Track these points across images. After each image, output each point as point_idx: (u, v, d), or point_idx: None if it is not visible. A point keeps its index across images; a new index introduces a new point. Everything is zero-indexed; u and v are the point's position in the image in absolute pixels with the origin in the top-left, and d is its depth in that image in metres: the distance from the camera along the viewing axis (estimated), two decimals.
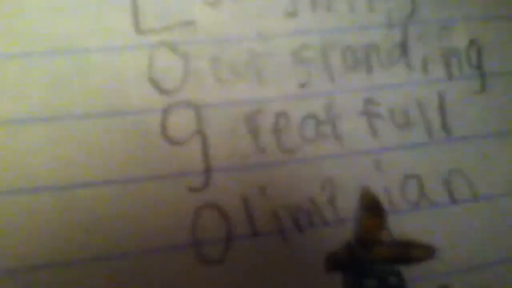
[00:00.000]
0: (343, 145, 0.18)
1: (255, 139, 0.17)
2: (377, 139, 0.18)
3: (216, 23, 0.18)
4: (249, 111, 0.18)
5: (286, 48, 0.18)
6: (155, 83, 0.17)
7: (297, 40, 0.18)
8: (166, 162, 0.17)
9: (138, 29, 0.17)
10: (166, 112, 0.17)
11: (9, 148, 0.15)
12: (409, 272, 0.18)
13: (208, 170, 0.17)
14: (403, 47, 0.19)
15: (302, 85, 0.18)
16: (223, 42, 0.18)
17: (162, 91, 0.17)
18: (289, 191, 0.18)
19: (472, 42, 0.20)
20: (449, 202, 0.19)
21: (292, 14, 0.18)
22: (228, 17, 0.18)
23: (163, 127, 0.17)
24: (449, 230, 0.18)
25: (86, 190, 0.16)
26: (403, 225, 0.18)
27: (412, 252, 0.17)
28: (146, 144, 0.17)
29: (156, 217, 0.16)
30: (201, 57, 0.17)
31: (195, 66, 0.17)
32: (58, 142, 0.16)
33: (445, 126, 0.19)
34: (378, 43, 0.19)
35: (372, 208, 0.18)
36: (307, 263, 0.17)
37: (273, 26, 0.18)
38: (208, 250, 0.16)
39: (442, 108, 0.19)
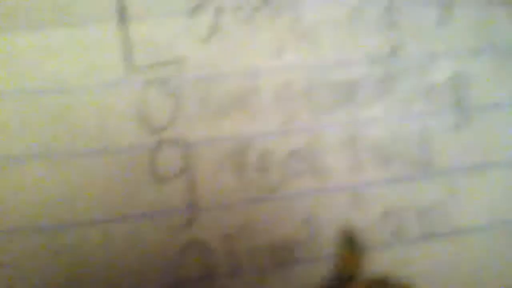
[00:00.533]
0: (325, 181, 0.19)
1: (240, 176, 0.18)
2: (359, 174, 0.19)
3: (206, 60, 0.18)
4: (235, 148, 0.18)
5: (272, 85, 0.19)
6: (145, 121, 0.17)
7: (283, 77, 0.19)
8: (153, 200, 0.17)
9: (130, 67, 0.17)
10: (155, 150, 0.17)
11: None
12: None
13: (193, 207, 0.18)
14: (386, 83, 0.20)
15: (287, 122, 0.19)
16: (212, 79, 0.18)
17: (152, 128, 0.17)
18: (271, 228, 0.18)
19: (453, 78, 0.20)
20: (428, 236, 0.20)
21: (278, 51, 0.19)
22: (217, 54, 0.18)
23: (152, 164, 0.17)
24: (427, 265, 0.19)
25: (71, 230, 0.16)
26: (381, 260, 0.19)
27: None
28: (135, 182, 0.17)
29: (141, 255, 0.17)
30: (191, 94, 0.18)
31: (185, 103, 0.18)
32: (44, 180, 0.16)
33: (426, 161, 0.20)
34: (361, 80, 0.19)
35: (350, 244, 0.18)
36: None
37: (260, 63, 0.19)
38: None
39: (423, 143, 0.20)
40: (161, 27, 0.18)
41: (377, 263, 0.19)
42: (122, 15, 0.18)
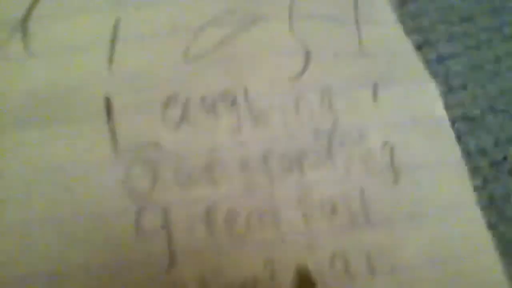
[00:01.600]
0: (282, 231, 0.23)
1: (210, 230, 0.22)
2: (309, 225, 0.23)
3: (176, 143, 0.23)
4: (205, 209, 0.23)
5: (233, 157, 0.24)
6: (130, 191, 0.22)
7: (242, 151, 0.24)
8: (137, 253, 0.22)
9: (116, 150, 0.23)
10: (138, 212, 0.22)
11: None
12: None
13: (172, 257, 0.22)
14: (329, 152, 0.24)
15: (247, 185, 0.23)
16: (183, 156, 0.23)
17: (136, 196, 0.22)
18: (239, 270, 0.22)
19: (385, 144, 0.25)
20: (370, 275, 0.23)
21: (237, 130, 0.24)
22: (185, 137, 0.23)
23: (137, 224, 0.22)
24: None
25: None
26: None
27: None
28: (122, 240, 0.22)
29: None
30: (166, 169, 0.23)
31: (162, 175, 0.23)
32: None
33: (365, 214, 0.24)
34: (308, 150, 0.24)
35: (304, 281, 0.22)
36: None
37: (222, 141, 0.24)
38: None
39: (362, 199, 0.24)
40: (140, 118, 0.23)
41: None
42: (109, 114, 0.23)
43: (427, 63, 0.27)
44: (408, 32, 0.28)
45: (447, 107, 0.26)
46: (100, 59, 0.24)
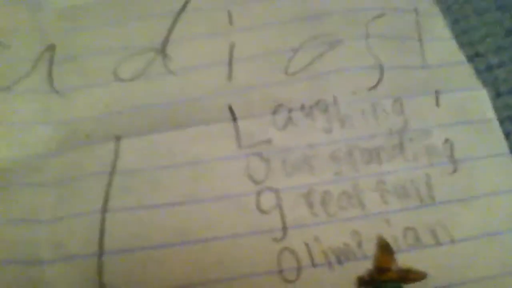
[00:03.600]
0: (365, 209, 0.29)
1: (310, 209, 0.29)
2: (386, 205, 0.30)
3: (283, 140, 0.30)
4: (306, 192, 0.29)
5: (326, 152, 0.30)
6: (250, 177, 0.29)
7: (333, 146, 0.30)
8: (259, 225, 0.29)
9: (239, 146, 0.30)
10: (258, 194, 0.29)
11: None
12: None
13: (284, 229, 0.29)
14: (400, 147, 0.31)
15: (337, 173, 0.30)
16: (288, 150, 0.30)
17: (255, 181, 0.29)
18: (333, 239, 0.29)
19: (446, 141, 0.31)
20: (435, 245, 0.29)
21: (328, 130, 0.31)
22: (290, 136, 0.30)
23: (257, 203, 0.29)
24: (435, 263, 0.29)
25: None
26: (405, 259, 0.29)
27: (410, 275, 0.28)
28: (245, 215, 0.29)
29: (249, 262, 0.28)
30: (276, 160, 0.30)
31: (273, 166, 0.30)
32: None
33: (430, 196, 0.30)
34: (384, 145, 0.31)
35: (385, 248, 0.29)
36: None
37: (317, 139, 0.30)
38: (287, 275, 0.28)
39: (428, 184, 0.30)
40: (256, 121, 0.30)
41: (402, 260, 0.29)
42: (233, 118, 0.30)
43: (478, 72, 0.32)
44: (461, 45, 0.34)
45: (496, 109, 0.31)
46: (221, 75, 0.31)
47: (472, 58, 0.33)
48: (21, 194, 0.27)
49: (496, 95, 0.31)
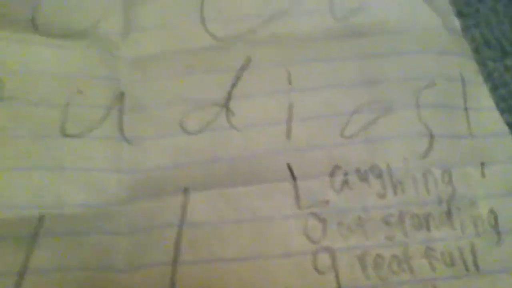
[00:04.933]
0: (414, 275, 0.30)
1: (364, 270, 0.30)
2: (433, 273, 0.30)
3: (340, 202, 0.31)
4: (360, 254, 0.31)
5: (379, 215, 0.32)
6: (308, 236, 0.31)
7: (385, 211, 0.32)
8: (315, 285, 0.30)
9: (299, 205, 0.31)
10: (314, 254, 0.30)
11: None
12: None
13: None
14: (448, 215, 0.32)
15: (388, 238, 0.31)
16: (344, 213, 0.31)
17: (312, 241, 0.31)
18: None
19: (490, 211, 0.33)
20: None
21: (382, 195, 0.32)
22: (346, 199, 0.32)
23: (313, 263, 0.30)
24: None
25: None
26: None
27: None
28: (303, 274, 0.30)
29: None
30: (333, 221, 0.31)
31: (329, 226, 0.31)
32: None
33: (475, 265, 0.31)
34: (433, 213, 0.32)
35: None
36: None
37: (372, 202, 0.32)
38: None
39: (473, 253, 0.32)
40: (314, 182, 0.32)
41: None
42: (293, 177, 0.32)
43: None
44: (501, 112, 0.35)
45: None
46: (280, 134, 0.32)
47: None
48: (96, 241, 0.28)
49: None
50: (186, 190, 0.30)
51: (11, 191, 0.29)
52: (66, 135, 0.30)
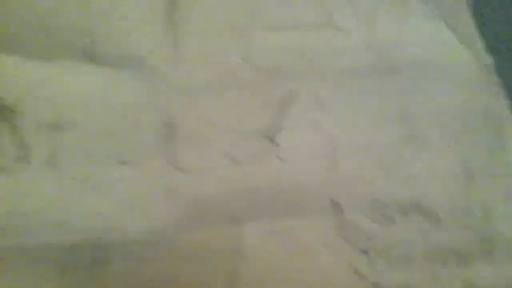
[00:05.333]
0: None
1: None
2: None
3: (384, 236, 0.33)
4: None
5: (422, 251, 0.33)
6: (355, 270, 0.32)
7: (427, 246, 0.33)
8: None
9: (343, 239, 0.33)
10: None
11: None
12: None
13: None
14: (489, 253, 0.33)
15: (432, 272, 0.33)
16: (388, 246, 0.33)
17: (360, 275, 0.32)
18: None
19: None
20: None
21: (424, 230, 0.33)
22: (389, 233, 0.33)
23: None
24: None
25: None
26: None
27: None
28: None
29: None
30: (377, 254, 0.32)
31: (374, 260, 0.32)
32: None
33: None
34: (474, 250, 0.33)
35: None
36: None
37: (413, 236, 0.33)
38: None
39: None
40: (355, 214, 0.33)
41: None
42: (336, 211, 0.33)
43: None
44: None
45: None
46: (324, 166, 0.34)
47: None
48: (157, 266, 0.29)
49: None
50: (235, 219, 0.31)
51: (69, 216, 0.30)
52: (122, 162, 0.32)
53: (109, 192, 0.30)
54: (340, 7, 0.37)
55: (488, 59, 0.39)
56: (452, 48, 0.38)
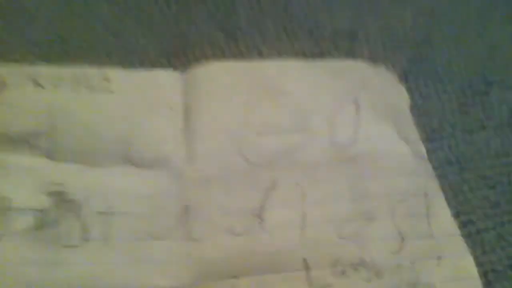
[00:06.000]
0: None
1: None
2: None
3: (340, 286, 0.46)
4: None
5: None
6: None
7: None
8: None
9: None
10: None
11: None
12: None
13: None
14: None
15: None
16: None
17: None
18: None
19: None
20: None
21: (369, 281, 0.47)
22: (344, 283, 0.46)
23: None
24: None
25: None
26: None
27: None
28: None
29: None
30: None
31: None
32: None
33: None
34: None
35: None
36: None
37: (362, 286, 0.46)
38: None
39: None
40: (322, 272, 0.47)
41: None
42: (307, 267, 0.47)
43: (469, 235, 0.47)
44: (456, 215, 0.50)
45: (480, 265, 0.42)
46: (297, 235, 0.47)
47: (466, 224, 0.48)
48: None
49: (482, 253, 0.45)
50: (235, 277, 0.45)
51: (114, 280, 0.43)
52: (155, 238, 0.46)
53: (147, 260, 0.44)
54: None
55: (422, 149, 0.52)
56: (395, 143, 0.52)
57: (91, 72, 0.49)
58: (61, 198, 0.42)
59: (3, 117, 0.45)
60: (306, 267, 0.43)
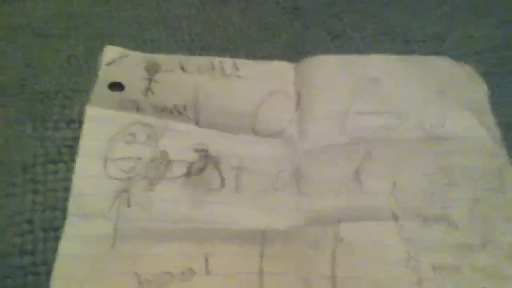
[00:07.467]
0: None
1: None
2: None
3: None
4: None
5: None
6: None
7: None
8: None
9: None
10: None
11: None
12: None
13: None
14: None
15: None
16: None
17: None
18: None
19: None
20: None
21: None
22: None
23: None
24: None
25: None
26: None
27: None
28: None
29: None
30: None
31: None
32: None
33: None
34: None
35: None
36: None
37: None
38: None
39: None
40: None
41: None
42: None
43: None
44: None
45: None
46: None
47: None
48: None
49: None
50: (338, 221, 0.52)
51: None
52: (273, 189, 0.57)
53: (268, 206, 0.53)
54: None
55: (498, 133, 0.59)
56: (476, 127, 0.59)
57: (225, 61, 0.62)
58: (205, 155, 0.54)
59: (160, 92, 0.58)
60: (395, 217, 0.53)
